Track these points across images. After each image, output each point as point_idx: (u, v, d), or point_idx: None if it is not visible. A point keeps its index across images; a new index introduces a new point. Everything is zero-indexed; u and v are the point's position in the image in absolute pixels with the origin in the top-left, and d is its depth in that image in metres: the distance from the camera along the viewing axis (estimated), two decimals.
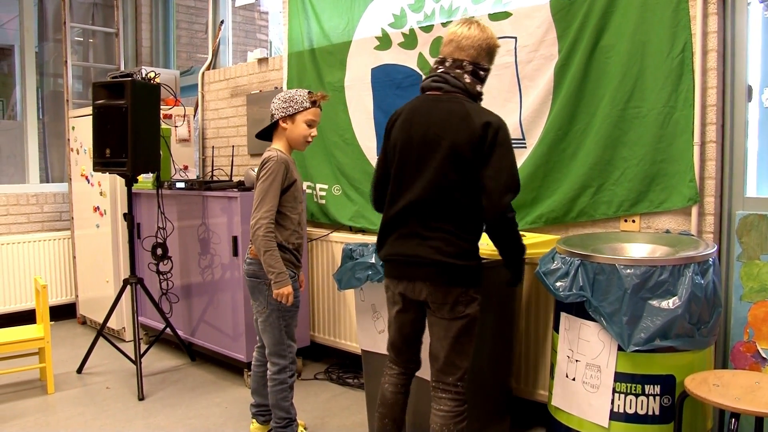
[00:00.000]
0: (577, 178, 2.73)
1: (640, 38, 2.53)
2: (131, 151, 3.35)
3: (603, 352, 2.20)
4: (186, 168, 4.49)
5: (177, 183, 3.80)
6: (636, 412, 2.16)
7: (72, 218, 4.82)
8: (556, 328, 2.42)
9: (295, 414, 2.68)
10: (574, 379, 2.29)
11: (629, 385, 2.16)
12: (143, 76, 3.53)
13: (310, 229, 3.79)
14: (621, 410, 2.18)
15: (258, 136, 2.68)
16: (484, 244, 2.11)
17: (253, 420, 2.86)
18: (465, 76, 2.03)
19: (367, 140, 3.55)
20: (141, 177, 3.83)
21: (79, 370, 3.77)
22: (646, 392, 2.15)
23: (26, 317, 4.42)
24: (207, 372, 3.76)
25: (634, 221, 2.64)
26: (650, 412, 2.15)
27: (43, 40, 5.46)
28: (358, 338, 3.15)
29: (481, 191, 1.96)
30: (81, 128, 4.47)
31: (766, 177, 2.54)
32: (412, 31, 3.28)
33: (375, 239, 2.23)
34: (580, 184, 2.72)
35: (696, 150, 2.44)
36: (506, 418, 2.75)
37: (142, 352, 3.55)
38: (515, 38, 2.86)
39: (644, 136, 2.55)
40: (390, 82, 3.40)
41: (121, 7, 5.24)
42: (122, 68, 5.14)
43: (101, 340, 3.70)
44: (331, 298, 3.75)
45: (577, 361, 2.28)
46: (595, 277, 2.16)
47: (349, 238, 3.56)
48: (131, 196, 3.65)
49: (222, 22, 4.88)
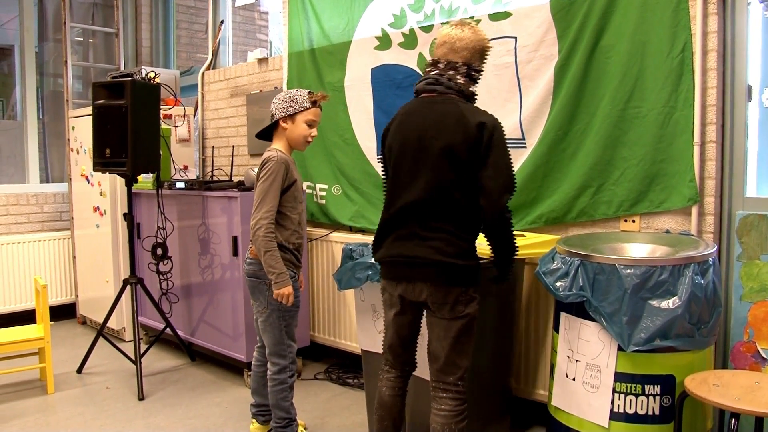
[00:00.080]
0: (577, 178, 2.73)
1: (640, 38, 2.53)
2: (131, 151, 3.35)
3: (603, 352, 2.20)
4: (186, 168, 4.49)
5: (177, 183, 3.80)
6: (636, 412, 2.16)
7: (72, 218, 4.82)
8: (556, 328, 2.42)
9: (295, 414, 2.68)
10: (574, 379, 2.29)
11: (629, 385, 2.16)
12: (143, 76, 3.53)
13: (310, 229, 3.79)
14: (621, 410, 2.18)
15: (258, 136, 2.68)
16: (482, 244, 2.11)
17: (253, 420, 2.86)
18: (459, 77, 2.04)
19: (367, 140, 3.55)
20: (141, 177, 3.83)
21: (79, 370, 3.77)
22: (646, 392, 2.15)
23: (26, 317, 4.42)
24: (207, 372, 3.76)
25: (634, 221, 2.64)
26: (650, 412, 2.15)
27: (43, 40, 5.46)
28: (358, 338, 3.15)
29: (480, 191, 1.97)
30: (81, 128, 4.47)
31: (766, 177, 2.54)
32: (412, 31, 3.28)
33: None
34: (580, 184, 2.72)
35: (696, 150, 2.44)
36: (506, 418, 2.75)
37: (142, 352, 3.55)
38: (515, 38, 2.86)
39: (644, 136, 2.55)
40: (390, 82, 3.40)
41: (121, 7, 5.24)
42: (122, 68, 5.14)
43: (101, 340, 3.70)
44: (331, 298, 3.75)
45: (577, 361, 2.28)
46: (595, 277, 2.16)
47: (349, 238, 3.56)
48: (131, 196, 3.65)
49: (222, 22, 4.88)
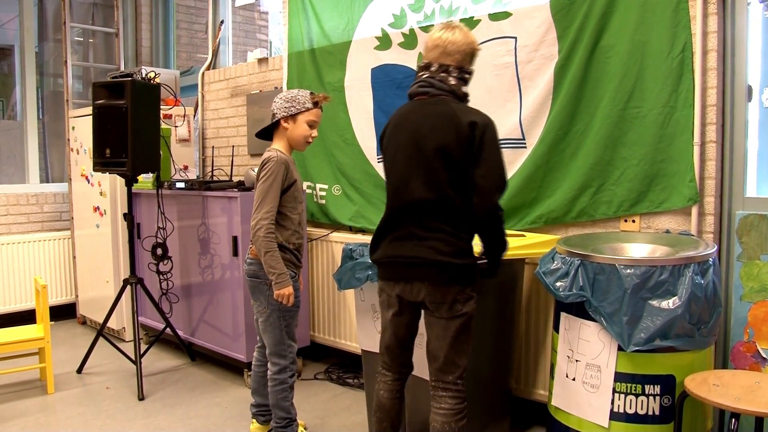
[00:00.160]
0: (577, 178, 2.73)
1: (640, 38, 2.53)
2: (131, 151, 3.35)
3: (603, 352, 2.20)
4: (186, 168, 4.49)
5: (177, 183, 3.80)
6: (636, 412, 2.16)
7: (72, 218, 4.82)
8: (556, 328, 2.42)
9: (296, 414, 2.68)
10: (574, 379, 2.29)
11: (629, 385, 2.16)
12: (143, 76, 3.53)
13: (310, 229, 3.79)
14: (621, 410, 2.18)
15: (258, 135, 2.68)
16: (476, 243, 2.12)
17: (253, 420, 2.86)
18: (450, 78, 2.07)
19: (367, 140, 3.55)
20: (141, 177, 3.83)
21: (79, 370, 3.77)
22: (646, 392, 2.15)
23: (26, 317, 4.42)
24: (207, 372, 3.76)
25: (634, 221, 2.64)
26: (650, 412, 2.15)
27: (43, 40, 5.46)
28: (358, 338, 3.15)
29: (472, 189, 1.99)
30: (81, 128, 4.47)
31: (766, 177, 2.54)
32: (412, 31, 3.28)
33: None
34: (580, 184, 2.72)
35: (696, 150, 2.44)
36: (506, 418, 2.75)
37: (142, 352, 3.55)
38: (515, 38, 2.86)
39: (644, 136, 2.55)
40: (390, 82, 3.40)
41: (121, 7, 5.24)
42: (122, 68, 5.14)
43: (101, 340, 3.70)
44: (331, 298, 3.75)
45: (577, 361, 2.28)
46: (595, 277, 2.16)
47: (349, 238, 3.56)
48: (131, 196, 3.65)
49: (222, 22, 4.88)
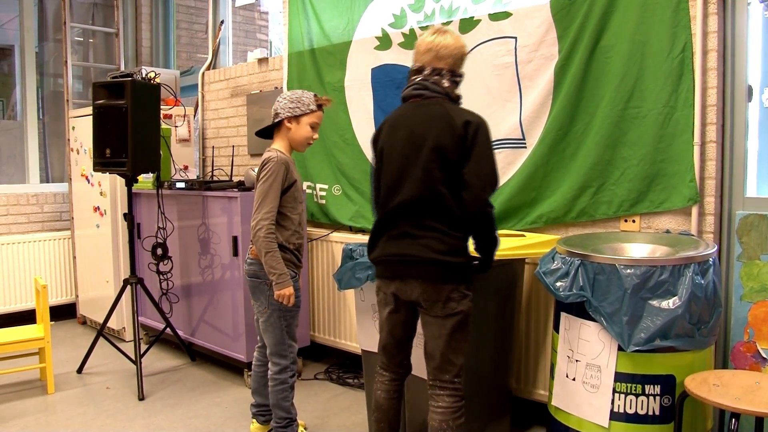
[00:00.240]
0: (577, 178, 2.73)
1: (640, 38, 2.53)
2: (131, 151, 3.35)
3: (603, 352, 2.20)
4: (186, 168, 4.49)
5: (177, 183, 3.80)
6: (636, 412, 2.16)
7: (72, 218, 4.82)
8: (556, 328, 2.42)
9: (296, 414, 2.68)
10: (574, 379, 2.30)
11: (629, 385, 2.16)
12: (143, 76, 3.53)
13: (310, 229, 3.79)
14: (621, 410, 2.18)
15: (258, 134, 2.68)
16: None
17: (254, 420, 2.86)
18: (444, 81, 2.09)
19: (367, 140, 3.54)
20: (141, 177, 3.83)
21: (79, 370, 3.77)
22: (647, 392, 2.15)
23: (26, 317, 4.42)
24: (207, 372, 3.77)
25: (634, 221, 2.64)
26: (650, 412, 2.15)
27: (43, 40, 5.46)
28: (358, 338, 3.15)
29: (463, 186, 2.00)
30: (81, 128, 4.47)
31: (766, 177, 2.54)
32: (412, 31, 3.28)
33: None
34: (580, 184, 2.72)
35: (696, 150, 2.44)
36: (506, 418, 2.75)
37: (142, 352, 3.55)
38: (515, 38, 2.86)
39: (644, 136, 2.55)
40: (390, 82, 3.40)
41: (121, 7, 5.24)
42: (122, 68, 5.14)
43: (101, 340, 3.70)
44: (331, 298, 3.75)
45: (577, 361, 2.28)
46: (595, 277, 2.16)
47: (349, 238, 3.56)
48: (131, 196, 3.65)
49: (222, 22, 4.88)
